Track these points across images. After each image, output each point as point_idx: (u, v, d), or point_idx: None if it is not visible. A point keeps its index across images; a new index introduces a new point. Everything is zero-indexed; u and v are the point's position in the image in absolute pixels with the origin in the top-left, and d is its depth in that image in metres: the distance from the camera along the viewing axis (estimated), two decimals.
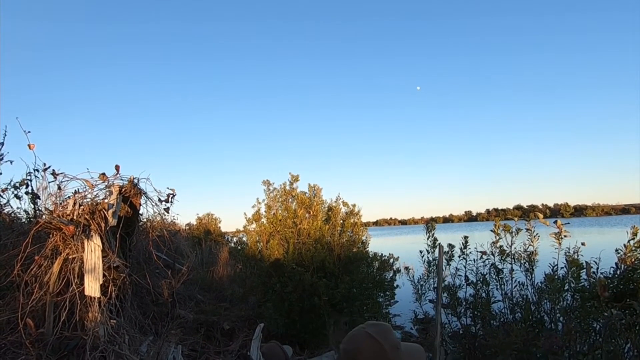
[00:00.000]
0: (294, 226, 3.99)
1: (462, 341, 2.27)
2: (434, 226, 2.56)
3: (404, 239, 26.61)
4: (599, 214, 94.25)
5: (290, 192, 4.28)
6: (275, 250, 3.82)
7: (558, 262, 2.00)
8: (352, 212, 4.24)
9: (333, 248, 3.91)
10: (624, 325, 1.52)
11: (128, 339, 2.13)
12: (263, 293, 3.76)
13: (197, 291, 4.46)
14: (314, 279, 3.43)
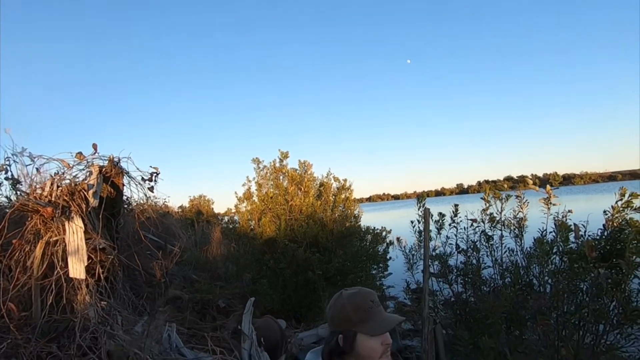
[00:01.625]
0: (286, 203, 3.96)
1: (454, 307, 2.31)
2: (425, 196, 2.55)
3: (397, 213, 26.91)
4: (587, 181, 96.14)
5: (280, 169, 4.23)
6: (267, 227, 3.82)
7: (547, 227, 2.02)
8: (344, 187, 4.22)
9: (326, 223, 3.92)
10: (610, 284, 1.55)
11: (121, 320, 2.12)
12: (257, 270, 3.78)
13: (192, 271, 4.46)
14: (307, 254, 3.45)
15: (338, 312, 1.14)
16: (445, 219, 2.30)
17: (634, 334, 1.59)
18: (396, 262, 3.97)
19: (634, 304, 1.57)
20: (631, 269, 1.48)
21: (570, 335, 1.72)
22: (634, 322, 1.57)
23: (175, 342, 1.84)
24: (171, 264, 3.36)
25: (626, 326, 1.59)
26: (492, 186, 2.42)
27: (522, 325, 1.94)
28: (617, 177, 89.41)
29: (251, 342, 1.34)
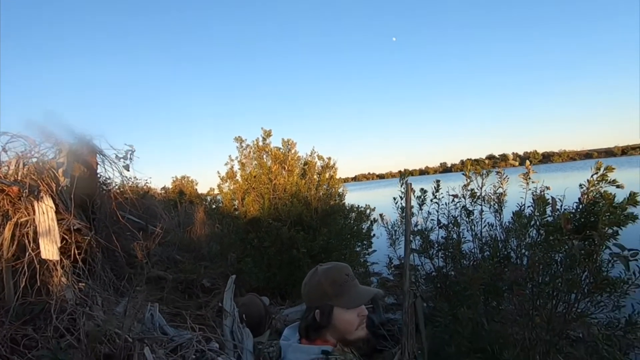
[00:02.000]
0: (269, 182, 3.93)
1: (435, 281, 2.37)
2: (408, 173, 2.56)
3: (381, 192, 27.24)
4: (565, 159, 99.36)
5: (263, 148, 4.17)
6: (251, 206, 3.79)
7: (525, 202, 2.06)
8: (328, 166, 4.21)
9: (310, 202, 3.92)
10: (583, 255, 1.60)
11: (101, 301, 2.09)
12: (242, 249, 3.78)
13: (175, 252, 4.43)
14: (292, 233, 3.46)
15: (314, 288, 1.15)
16: (427, 194, 2.32)
17: (603, 301, 1.66)
18: (380, 240, 4.02)
19: (604, 273, 1.63)
20: (603, 239, 1.53)
21: (544, 305, 1.79)
22: (603, 290, 1.63)
23: (159, 321, 1.83)
24: (153, 245, 3.31)
25: (596, 295, 1.66)
26: (473, 163, 2.45)
27: (499, 296, 2.01)
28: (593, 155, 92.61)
29: (233, 319, 1.33)
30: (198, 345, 1.14)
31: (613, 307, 1.60)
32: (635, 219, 1.55)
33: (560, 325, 1.79)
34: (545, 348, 1.82)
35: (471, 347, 1.85)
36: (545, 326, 1.79)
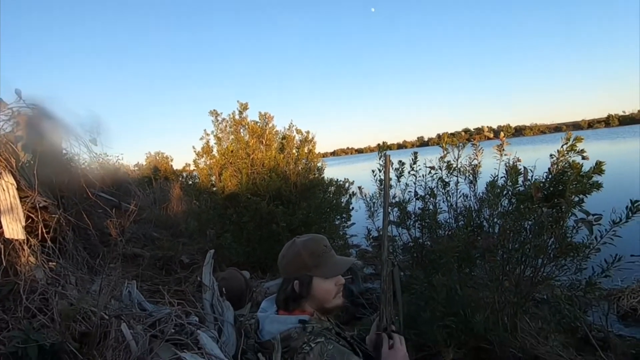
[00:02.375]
0: (247, 157, 3.86)
1: (411, 251, 2.44)
2: (386, 146, 2.57)
3: (360, 166, 27.49)
4: (536, 133, 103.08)
5: (240, 122, 4.05)
6: (228, 182, 3.73)
7: (499, 173, 2.12)
8: (306, 140, 4.16)
9: (289, 176, 3.89)
10: (551, 222, 1.68)
11: (75, 280, 2.03)
12: (220, 225, 3.75)
13: (152, 229, 4.34)
14: (271, 208, 3.44)
15: (293, 259, 1.17)
16: (405, 167, 2.35)
17: (566, 265, 1.76)
18: (359, 213, 4.08)
19: (569, 239, 1.72)
20: (570, 207, 1.60)
21: (513, 270, 1.89)
22: (567, 255, 1.73)
23: (137, 298, 1.80)
24: (128, 222, 3.22)
25: (561, 259, 1.76)
26: (450, 136, 2.48)
27: (472, 263, 2.10)
28: (562, 128, 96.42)
29: (213, 293, 1.33)
30: (177, 320, 1.13)
31: (575, 270, 1.71)
32: (600, 187, 1.63)
33: (527, 288, 1.90)
34: (512, 310, 1.94)
35: (445, 312, 1.94)
36: (513, 289, 1.89)
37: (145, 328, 1.11)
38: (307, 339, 1.05)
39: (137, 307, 1.54)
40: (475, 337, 1.96)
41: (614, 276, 2.49)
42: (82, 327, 1.26)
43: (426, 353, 1.98)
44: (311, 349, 1.02)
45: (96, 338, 1.16)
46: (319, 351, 1.02)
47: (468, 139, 2.44)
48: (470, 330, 1.91)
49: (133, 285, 1.80)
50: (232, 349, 1.18)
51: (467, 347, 1.97)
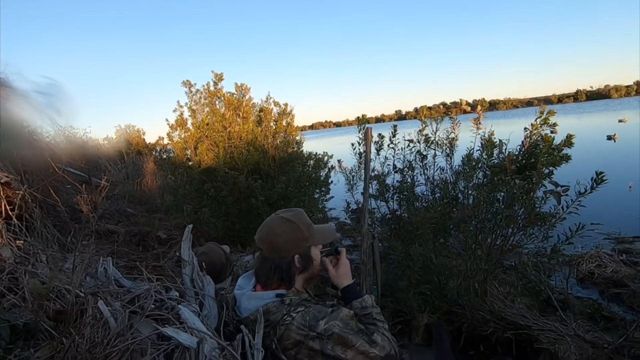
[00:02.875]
0: (224, 130, 3.75)
1: (389, 223, 2.50)
2: (365, 120, 2.55)
3: (339, 139, 27.49)
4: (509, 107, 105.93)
5: (215, 94, 3.90)
6: (205, 156, 3.63)
7: (474, 146, 2.17)
8: (285, 112, 4.07)
9: (267, 150, 3.83)
10: (522, 193, 1.75)
11: (46, 258, 1.97)
12: (198, 200, 3.68)
13: (126, 205, 4.23)
14: (249, 182, 3.40)
15: (292, 234, 1.16)
16: (385, 140, 2.36)
17: (534, 233, 1.85)
18: (338, 186, 4.11)
19: (538, 209, 1.80)
20: (540, 178, 1.67)
21: (485, 239, 1.98)
22: (535, 224, 1.82)
23: (113, 275, 1.77)
24: (100, 198, 3.12)
25: (529, 228, 1.85)
26: (428, 109, 2.49)
27: (447, 234, 2.18)
28: (534, 103, 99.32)
29: (192, 268, 1.31)
30: (157, 295, 1.12)
31: (542, 238, 1.80)
32: (569, 159, 1.70)
33: (497, 256, 2.00)
34: (483, 276, 2.04)
35: (421, 280, 2.03)
36: (484, 257, 1.99)
37: (123, 304, 1.09)
38: (286, 310, 1.07)
39: (114, 283, 1.51)
40: (448, 302, 2.07)
41: (576, 243, 2.67)
42: (56, 305, 1.22)
43: (402, 319, 2.07)
44: (293, 319, 1.04)
45: (72, 316, 1.13)
46: (302, 317, 1.04)
47: (446, 112, 2.46)
48: (444, 296, 2.01)
49: (109, 261, 1.76)
50: (214, 321, 1.19)
51: (441, 311, 2.08)
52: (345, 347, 1.00)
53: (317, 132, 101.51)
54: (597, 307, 2.24)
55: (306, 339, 1.01)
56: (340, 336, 1.01)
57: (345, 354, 1.00)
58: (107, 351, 0.91)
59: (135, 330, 0.98)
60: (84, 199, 2.66)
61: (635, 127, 16.26)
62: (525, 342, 1.83)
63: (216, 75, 3.87)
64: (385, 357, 1.03)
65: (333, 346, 1.00)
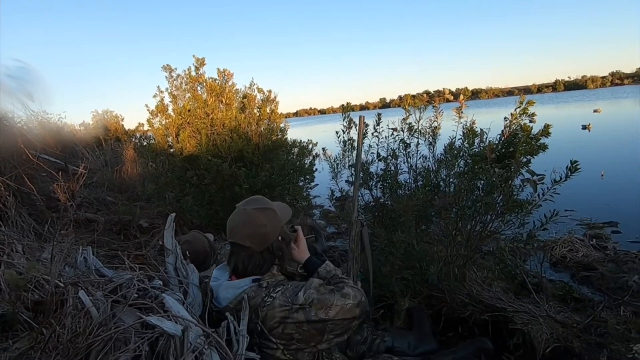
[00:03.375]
0: (206, 116, 3.67)
1: (373, 210, 2.53)
2: (350, 108, 2.55)
3: (323, 127, 27.40)
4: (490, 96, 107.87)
5: (197, 79, 3.80)
6: (187, 143, 3.56)
7: (457, 134, 2.20)
8: (269, 99, 4.02)
9: (251, 137, 3.78)
10: (501, 181, 1.80)
11: (22, 248, 1.91)
12: (180, 188, 3.62)
13: (105, 193, 4.12)
14: (233, 170, 3.37)
15: (274, 221, 1.21)
16: (369, 128, 2.37)
17: (511, 220, 1.92)
18: (322, 174, 4.12)
19: (515, 196, 1.86)
20: (518, 167, 1.72)
21: (465, 226, 2.03)
22: (512, 211, 1.88)
23: (94, 264, 1.74)
24: (77, 186, 3.03)
25: (507, 215, 1.91)
26: (412, 98, 2.51)
27: (428, 221, 2.23)
28: (514, 92, 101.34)
29: (176, 256, 1.30)
30: (140, 284, 1.11)
31: (519, 224, 1.87)
32: (546, 148, 1.76)
33: (476, 242, 2.06)
34: (462, 261, 2.11)
35: (403, 266, 2.08)
36: (464, 243, 2.05)
37: (105, 294, 1.08)
38: (265, 293, 1.10)
39: (95, 273, 1.48)
40: (428, 287, 2.13)
41: (550, 229, 2.78)
42: (34, 296, 1.20)
43: (384, 303, 2.13)
44: (274, 299, 1.08)
45: (52, 306, 1.11)
46: (282, 295, 1.09)
47: (429, 101, 2.48)
48: (425, 281, 2.07)
49: (89, 251, 1.73)
50: (199, 309, 1.19)
51: (421, 296, 2.14)
52: (326, 308, 1.07)
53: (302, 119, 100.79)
54: (568, 290, 2.36)
55: (290, 313, 1.06)
56: (319, 300, 1.08)
57: (327, 314, 1.07)
58: (90, 341, 0.91)
59: (118, 320, 0.97)
60: (61, 187, 2.58)
61: (608, 117, 16.87)
62: (500, 324, 1.91)
63: (197, 60, 3.77)
64: (360, 307, 1.12)
65: (316, 312, 1.06)
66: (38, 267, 1.28)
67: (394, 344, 1.68)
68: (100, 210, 3.72)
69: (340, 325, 1.09)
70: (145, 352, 0.86)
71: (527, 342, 1.77)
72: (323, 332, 1.07)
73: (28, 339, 1.03)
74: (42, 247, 2.09)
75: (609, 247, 3.17)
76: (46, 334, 0.99)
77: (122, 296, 1.06)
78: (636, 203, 4.39)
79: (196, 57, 3.77)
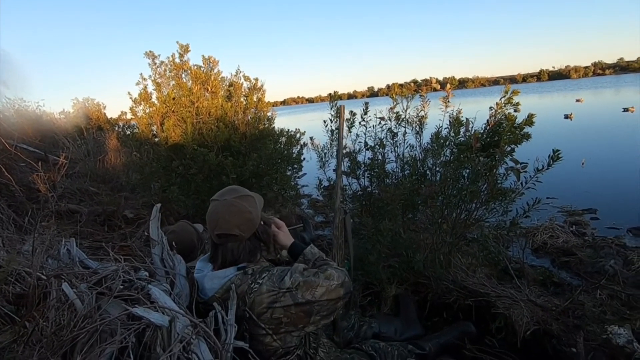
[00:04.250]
0: (191, 105, 3.60)
1: (360, 199, 2.55)
2: (337, 97, 2.54)
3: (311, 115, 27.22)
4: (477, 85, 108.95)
5: (181, 66, 3.70)
6: (172, 132, 3.48)
7: (443, 124, 2.22)
8: (255, 87, 3.95)
9: (237, 126, 3.73)
10: (486, 170, 1.83)
11: (1, 240, 1.86)
12: (166, 178, 3.56)
13: (88, 183, 4.02)
14: (220, 159, 3.32)
15: (256, 207, 1.22)
16: (356, 117, 2.37)
17: (495, 208, 1.96)
18: (310, 163, 4.11)
19: (499, 185, 1.90)
20: (503, 156, 1.75)
21: (451, 214, 2.07)
22: (496, 199, 1.92)
23: (78, 256, 1.71)
24: (58, 176, 2.95)
25: (491, 203, 1.95)
26: (400, 87, 2.50)
27: (415, 209, 2.26)
28: (500, 82, 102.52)
29: (162, 247, 1.29)
30: (125, 276, 1.10)
31: (502, 212, 1.91)
32: (529, 138, 1.79)
33: (461, 230, 2.11)
34: (448, 249, 2.15)
35: (390, 253, 2.11)
36: (449, 231, 2.09)
37: (90, 286, 1.06)
38: (251, 280, 1.11)
39: (79, 265, 1.46)
40: (415, 274, 2.17)
41: (532, 216, 2.86)
42: (16, 289, 1.17)
43: (372, 290, 2.16)
44: (260, 285, 1.08)
45: (34, 299, 1.09)
46: (269, 280, 1.10)
47: (416, 90, 2.49)
48: (411, 268, 2.11)
49: (72, 242, 1.69)
50: (186, 300, 1.19)
51: (408, 283, 2.19)
52: (312, 289, 1.10)
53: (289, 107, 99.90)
54: (548, 274, 2.44)
55: (278, 296, 1.08)
56: (305, 282, 1.10)
57: (314, 296, 1.10)
58: (75, 333, 0.90)
59: (104, 312, 0.96)
60: (41, 178, 2.51)
61: (590, 106, 17.26)
62: (484, 308, 1.97)
63: (182, 47, 3.67)
64: (344, 287, 1.15)
65: (302, 293, 1.08)
66: (19, 260, 1.25)
67: (381, 330, 1.72)
68: (83, 201, 3.63)
69: (326, 307, 1.12)
70: (132, 344, 0.85)
71: (509, 326, 1.83)
72: (310, 313, 1.09)
73: (10, 333, 1.01)
74: (23, 239, 2.04)
75: (588, 233, 3.28)
76: (29, 327, 0.97)
77: (108, 288, 1.05)
78: (613, 190, 4.54)
79: (180, 44, 3.67)
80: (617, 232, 3.30)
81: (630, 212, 3.70)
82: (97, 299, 1.01)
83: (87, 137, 5.60)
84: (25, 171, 2.91)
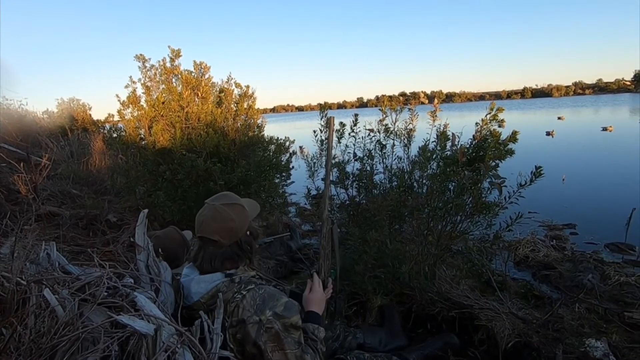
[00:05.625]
0: (181, 110, 3.58)
1: (348, 209, 2.57)
2: (327, 107, 2.57)
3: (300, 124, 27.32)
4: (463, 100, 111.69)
5: (172, 71, 3.69)
6: (160, 136, 3.45)
7: (431, 137, 2.27)
8: (246, 94, 3.96)
9: (227, 133, 3.72)
10: (471, 184, 1.88)
11: None
12: (152, 182, 3.51)
13: (71, 186, 3.93)
14: (208, 165, 3.30)
15: (242, 215, 1.23)
16: (346, 128, 2.40)
17: (479, 221, 2.00)
18: (298, 171, 4.13)
19: (483, 199, 1.94)
20: (487, 170, 1.80)
21: (436, 226, 2.11)
22: (481, 212, 1.97)
23: (58, 261, 1.67)
24: (40, 178, 2.88)
25: (475, 216, 2.00)
26: (389, 99, 2.56)
27: (401, 220, 2.29)
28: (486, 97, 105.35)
29: (147, 253, 1.28)
30: (109, 282, 1.08)
31: (486, 225, 1.96)
32: (513, 154, 1.85)
33: (446, 242, 2.14)
34: (433, 260, 2.18)
35: (376, 264, 2.13)
36: (435, 243, 2.12)
37: (72, 292, 1.04)
38: (236, 288, 1.10)
39: (59, 270, 1.43)
40: (400, 285, 2.19)
41: (515, 230, 2.92)
42: None
43: (357, 301, 2.17)
44: (243, 297, 1.07)
45: (12, 305, 1.06)
46: (252, 297, 1.07)
47: (405, 103, 2.54)
48: (396, 279, 2.12)
49: (52, 246, 1.66)
50: (171, 307, 1.17)
51: (393, 293, 2.20)
52: (277, 347, 1.01)
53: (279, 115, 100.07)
54: (529, 288, 2.49)
55: (248, 319, 1.03)
56: (277, 336, 1.01)
57: (273, 355, 1.00)
58: (55, 341, 0.87)
59: (87, 319, 0.94)
60: (22, 179, 2.44)
61: (571, 124, 17.86)
62: (467, 320, 2.00)
63: (173, 51, 3.66)
64: None
65: (266, 340, 1.01)
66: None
67: (366, 341, 1.72)
68: (65, 203, 3.55)
69: None
70: (115, 352, 0.84)
71: (491, 338, 1.86)
72: None
73: None
74: (1, 242, 1.98)
75: (567, 248, 3.37)
76: (6, 334, 0.94)
77: (91, 294, 1.03)
78: (592, 206, 4.70)
79: (172, 48, 3.66)
80: (594, 247, 3.40)
81: (607, 227, 3.83)
82: (80, 306, 0.98)
83: (71, 138, 5.48)
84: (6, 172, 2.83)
